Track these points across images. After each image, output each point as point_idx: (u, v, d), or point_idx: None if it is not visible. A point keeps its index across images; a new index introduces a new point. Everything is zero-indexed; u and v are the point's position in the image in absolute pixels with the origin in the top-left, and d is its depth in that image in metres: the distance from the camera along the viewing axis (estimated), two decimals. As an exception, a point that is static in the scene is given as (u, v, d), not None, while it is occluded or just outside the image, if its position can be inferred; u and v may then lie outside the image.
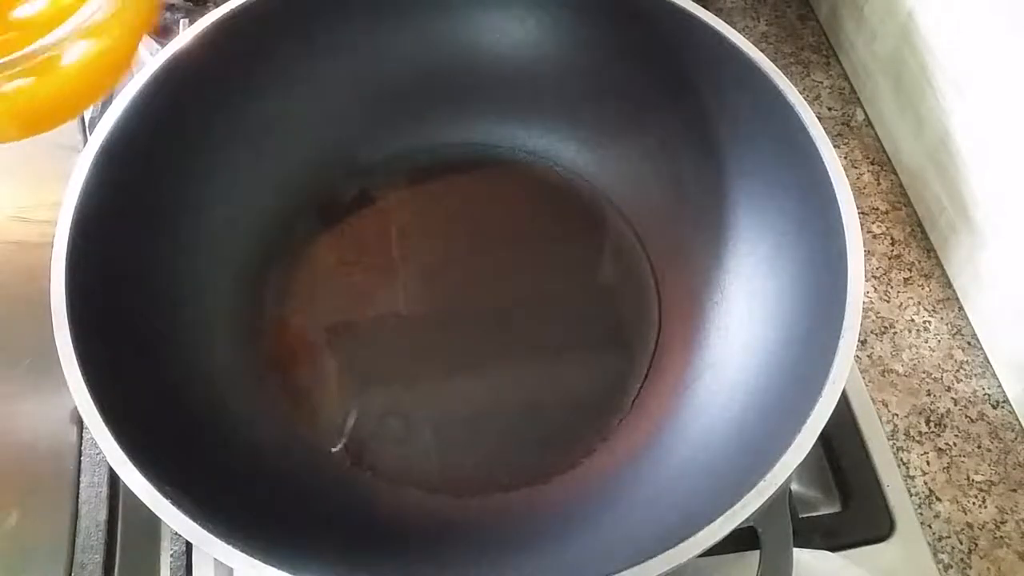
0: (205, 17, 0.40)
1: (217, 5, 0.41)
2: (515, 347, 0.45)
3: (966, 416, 0.47)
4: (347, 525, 0.38)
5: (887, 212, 0.55)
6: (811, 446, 0.30)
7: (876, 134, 0.58)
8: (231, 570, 0.36)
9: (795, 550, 0.32)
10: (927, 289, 0.51)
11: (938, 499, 0.44)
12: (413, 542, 0.38)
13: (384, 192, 0.48)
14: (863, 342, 0.49)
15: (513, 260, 0.47)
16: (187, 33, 0.40)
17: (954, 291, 0.51)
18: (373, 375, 0.44)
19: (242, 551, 0.28)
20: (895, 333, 0.50)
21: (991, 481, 0.45)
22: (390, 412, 0.43)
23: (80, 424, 0.41)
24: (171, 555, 0.38)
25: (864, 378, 0.47)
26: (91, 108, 0.43)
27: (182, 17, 0.53)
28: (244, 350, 0.43)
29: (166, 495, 0.29)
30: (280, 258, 0.46)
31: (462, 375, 0.44)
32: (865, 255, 0.34)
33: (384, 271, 0.46)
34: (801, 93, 0.38)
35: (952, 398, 0.48)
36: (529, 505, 0.40)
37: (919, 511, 0.43)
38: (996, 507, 0.44)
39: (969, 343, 0.49)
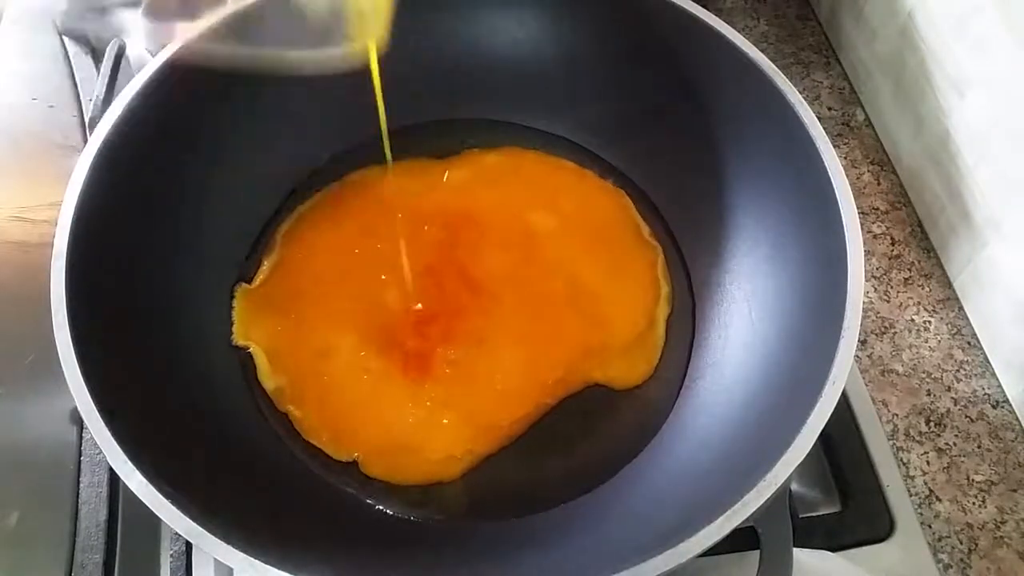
0: (204, 18, 0.40)
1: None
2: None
3: (966, 416, 0.47)
4: (347, 525, 0.38)
5: (887, 212, 0.55)
6: (811, 446, 0.30)
7: (876, 134, 0.58)
8: (231, 570, 0.36)
9: (795, 550, 0.32)
10: (927, 289, 0.51)
11: (938, 499, 0.44)
12: (414, 541, 0.38)
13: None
14: (863, 342, 0.49)
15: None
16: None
17: (954, 291, 0.51)
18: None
19: (242, 551, 0.28)
20: (895, 333, 0.50)
21: (991, 481, 0.45)
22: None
23: (80, 424, 0.41)
24: (171, 555, 0.38)
25: (864, 378, 0.47)
26: (91, 108, 0.43)
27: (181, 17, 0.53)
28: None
29: (166, 495, 0.29)
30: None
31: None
32: (865, 255, 0.34)
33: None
34: (801, 93, 0.38)
35: (952, 398, 0.48)
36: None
37: (919, 511, 0.43)
38: (996, 507, 0.44)
39: (969, 343, 0.49)
